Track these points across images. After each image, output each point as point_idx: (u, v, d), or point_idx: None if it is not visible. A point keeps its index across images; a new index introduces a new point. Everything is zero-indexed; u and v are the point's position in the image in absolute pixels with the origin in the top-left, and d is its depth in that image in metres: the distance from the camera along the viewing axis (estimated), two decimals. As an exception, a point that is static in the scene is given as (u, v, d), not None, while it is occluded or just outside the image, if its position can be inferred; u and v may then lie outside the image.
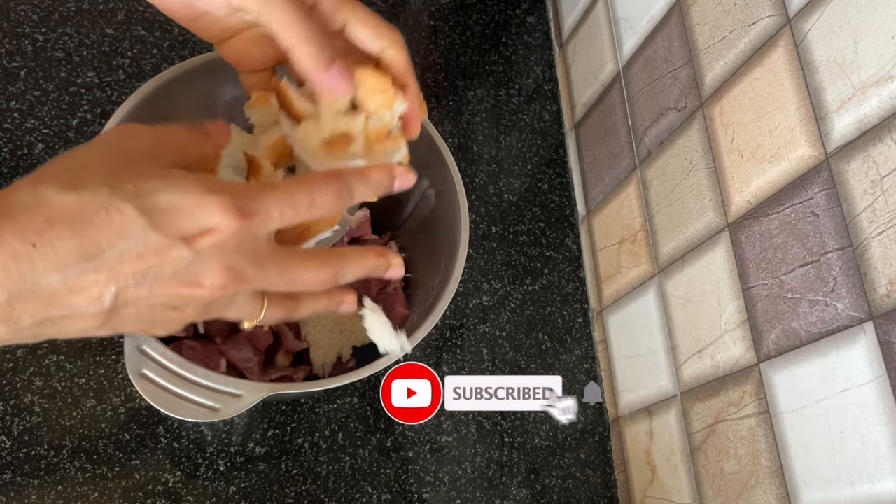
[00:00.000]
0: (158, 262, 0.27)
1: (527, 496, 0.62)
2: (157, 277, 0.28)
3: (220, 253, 0.29)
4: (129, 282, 0.27)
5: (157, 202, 0.27)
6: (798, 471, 0.45)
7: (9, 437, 0.51)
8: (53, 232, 0.25)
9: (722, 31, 0.53)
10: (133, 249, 0.27)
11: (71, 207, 0.26)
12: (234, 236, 0.29)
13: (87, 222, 0.26)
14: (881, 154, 0.39)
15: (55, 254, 0.25)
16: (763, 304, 0.48)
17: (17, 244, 0.25)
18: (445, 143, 0.52)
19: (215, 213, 0.28)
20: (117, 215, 0.26)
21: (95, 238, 0.26)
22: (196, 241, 0.28)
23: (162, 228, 0.27)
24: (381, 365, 0.45)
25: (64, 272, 0.26)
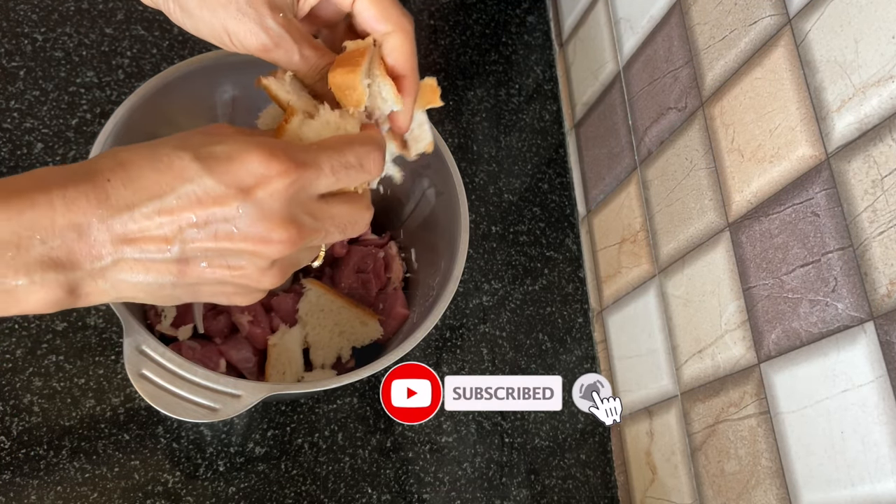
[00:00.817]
0: (217, 209, 0.28)
1: (527, 496, 0.61)
2: (218, 228, 0.29)
3: (277, 204, 0.29)
4: (192, 229, 0.28)
5: (212, 151, 0.29)
6: (798, 471, 0.45)
7: (8, 438, 0.51)
8: (124, 171, 0.28)
9: (722, 30, 0.53)
10: (192, 194, 0.28)
11: (139, 156, 0.28)
12: (289, 186, 0.29)
13: (153, 167, 0.28)
14: (882, 154, 0.39)
15: (125, 189, 0.27)
16: (763, 304, 0.48)
17: (97, 177, 0.27)
18: (445, 143, 0.52)
19: (269, 162, 0.29)
20: (177, 161, 0.28)
21: (158, 180, 0.28)
22: (252, 191, 0.29)
23: (216, 174, 0.28)
24: (381, 365, 0.45)
25: (132, 210, 0.27)
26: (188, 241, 0.28)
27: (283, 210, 0.29)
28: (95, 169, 0.28)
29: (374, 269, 0.58)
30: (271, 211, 0.29)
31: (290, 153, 0.30)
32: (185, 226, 0.28)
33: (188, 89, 0.49)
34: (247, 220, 0.29)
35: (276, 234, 0.29)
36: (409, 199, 0.59)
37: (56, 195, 0.27)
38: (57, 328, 0.54)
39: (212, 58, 0.48)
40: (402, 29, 0.37)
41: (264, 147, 0.29)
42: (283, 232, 0.30)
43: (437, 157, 0.52)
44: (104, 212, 0.27)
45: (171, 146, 0.29)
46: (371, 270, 0.58)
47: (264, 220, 0.29)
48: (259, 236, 0.29)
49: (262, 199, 0.29)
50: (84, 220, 0.27)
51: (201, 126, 0.55)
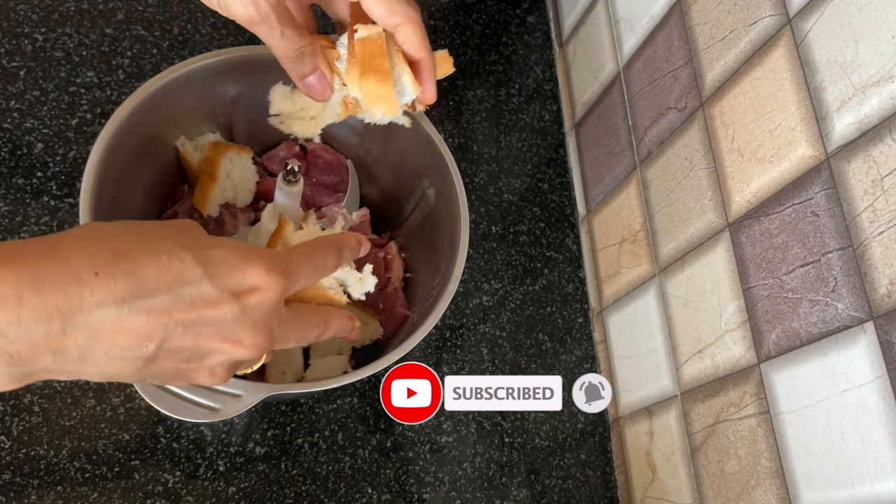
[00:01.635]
0: (210, 313, 0.29)
1: (527, 496, 0.62)
2: (203, 330, 0.29)
3: (262, 312, 0.31)
4: (178, 330, 0.28)
5: (213, 255, 0.29)
6: (798, 471, 0.45)
7: (8, 438, 0.51)
8: (117, 265, 0.26)
9: (722, 30, 0.53)
10: (187, 296, 0.28)
11: (137, 247, 0.27)
12: (276, 296, 0.31)
13: (150, 263, 0.27)
14: (882, 154, 0.39)
15: (115, 286, 0.26)
16: (763, 304, 0.48)
17: (83, 270, 0.26)
18: (445, 143, 0.52)
19: (262, 273, 0.30)
20: (177, 262, 0.28)
21: (156, 278, 0.27)
22: (245, 298, 0.30)
23: (216, 280, 0.29)
24: (381, 365, 0.45)
25: (119, 307, 0.26)
26: (168, 339, 0.28)
27: (265, 318, 0.31)
28: (80, 256, 0.26)
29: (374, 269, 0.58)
30: (254, 318, 0.30)
31: (282, 267, 0.31)
32: (171, 325, 0.28)
33: (188, 89, 0.49)
34: (232, 323, 0.30)
35: (250, 338, 0.30)
36: (409, 199, 0.59)
37: (27, 288, 0.24)
38: (57, 328, 0.54)
39: (212, 58, 0.48)
40: (410, 20, 0.39)
41: (261, 259, 0.30)
42: (258, 338, 0.31)
43: (437, 157, 0.52)
44: (84, 307, 0.25)
45: (171, 241, 0.28)
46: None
47: (246, 326, 0.30)
48: (236, 338, 0.30)
49: (252, 305, 0.30)
50: (57, 317, 0.25)
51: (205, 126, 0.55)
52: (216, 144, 0.54)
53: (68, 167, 0.59)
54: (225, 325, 0.29)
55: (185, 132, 0.53)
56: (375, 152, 0.60)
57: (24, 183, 0.57)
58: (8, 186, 0.57)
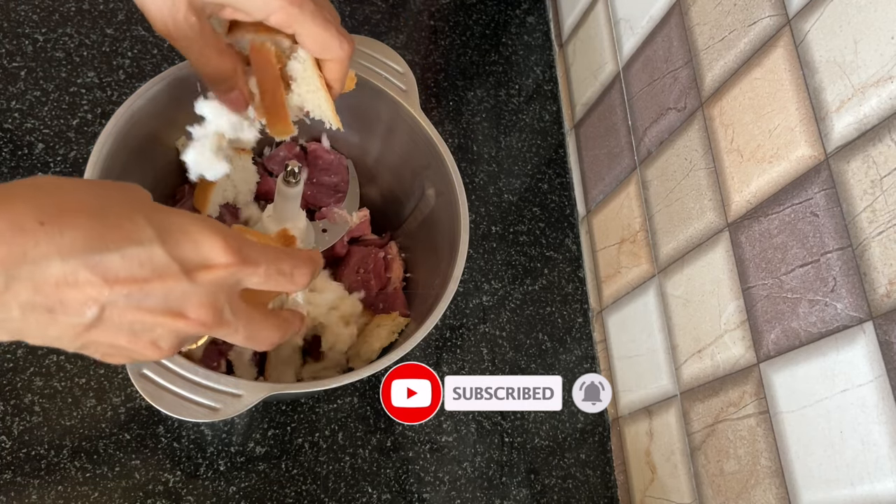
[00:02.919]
0: (156, 284, 0.27)
1: (527, 496, 0.62)
2: (146, 301, 0.27)
3: (212, 290, 0.29)
4: (121, 297, 0.27)
5: (169, 222, 0.28)
6: (798, 471, 0.45)
7: (9, 437, 0.51)
8: (64, 217, 0.25)
9: (722, 31, 0.53)
10: (135, 259, 0.26)
11: (87, 203, 0.26)
12: (229, 277, 0.29)
13: (100, 219, 0.26)
14: (881, 154, 0.39)
15: (61, 238, 0.25)
16: (763, 304, 0.48)
17: (27, 220, 0.24)
18: (445, 143, 0.52)
19: (219, 251, 0.29)
20: (128, 222, 0.27)
21: (104, 235, 0.26)
22: (196, 273, 0.28)
23: (168, 246, 0.27)
24: (381, 365, 0.45)
25: (64, 261, 0.25)
26: (110, 307, 0.26)
27: (214, 296, 0.29)
28: (26, 206, 0.25)
29: (374, 269, 0.58)
30: (202, 294, 0.29)
31: (240, 247, 0.29)
32: (115, 292, 0.26)
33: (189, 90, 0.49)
34: (177, 298, 0.28)
35: (194, 313, 0.29)
36: (409, 199, 0.59)
37: None
38: (58, 328, 0.54)
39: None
40: (337, 59, 0.39)
41: (219, 233, 0.29)
42: (202, 313, 0.29)
43: (437, 157, 0.52)
44: (28, 259, 0.24)
45: (124, 203, 0.27)
46: (371, 270, 0.58)
47: (191, 300, 0.28)
48: (179, 312, 0.28)
49: (203, 281, 0.28)
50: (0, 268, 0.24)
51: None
52: None
53: (69, 167, 0.59)
54: (171, 298, 0.28)
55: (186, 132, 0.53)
56: (375, 152, 0.60)
57: (25, 183, 0.57)
58: (8, 186, 0.57)
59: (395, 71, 0.54)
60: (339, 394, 0.60)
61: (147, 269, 0.27)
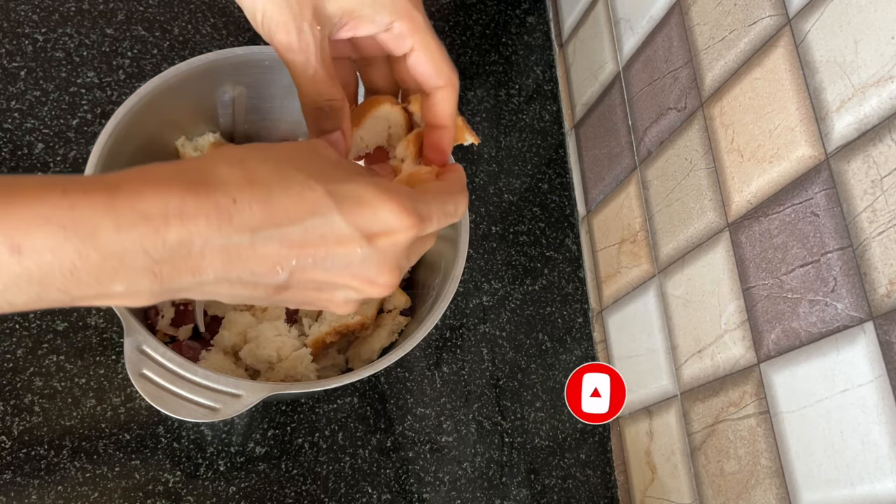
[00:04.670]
0: (340, 250, 0.29)
1: (527, 496, 0.62)
2: (333, 265, 0.29)
3: (393, 253, 0.30)
4: (308, 261, 0.28)
5: (345, 190, 0.29)
6: (798, 471, 0.45)
7: (9, 437, 0.51)
8: (253, 192, 0.27)
9: (722, 31, 0.53)
10: (318, 229, 0.28)
11: (270, 176, 0.28)
12: (408, 239, 0.30)
13: (284, 192, 0.28)
14: (881, 154, 0.39)
15: (251, 213, 0.27)
16: (763, 304, 0.48)
17: (221, 197, 0.26)
18: (445, 143, 0.52)
19: (397, 215, 0.30)
20: (309, 192, 0.28)
21: (287, 207, 0.28)
22: (377, 239, 0.29)
23: (347, 215, 0.29)
24: (381, 365, 0.45)
25: (254, 234, 0.27)
26: (299, 271, 0.29)
27: (395, 258, 0.31)
28: (218, 182, 0.27)
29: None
30: (385, 258, 0.30)
31: (416, 208, 0.31)
32: (302, 258, 0.28)
33: (189, 90, 0.49)
34: (361, 262, 0.30)
35: (383, 278, 0.31)
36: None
37: (172, 210, 0.25)
38: (58, 328, 0.54)
39: (212, 58, 0.48)
40: (451, 84, 0.38)
41: (396, 198, 0.30)
42: (389, 277, 0.31)
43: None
44: (223, 233, 0.26)
45: (304, 173, 0.29)
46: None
47: (377, 265, 0.30)
48: (367, 278, 0.30)
49: (384, 246, 0.30)
50: (199, 240, 0.26)
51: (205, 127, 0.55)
52: (216, 146, 0.54)
53: (69, 167, 0.59)
54: (354, 263, 0.29)
55: (185, 132, 0.53)
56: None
57: (25, 183, 0.57)
58: (8, 186, 0.57)
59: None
60: (339, 394, 0.60)
61: (330, 238, 0.28)
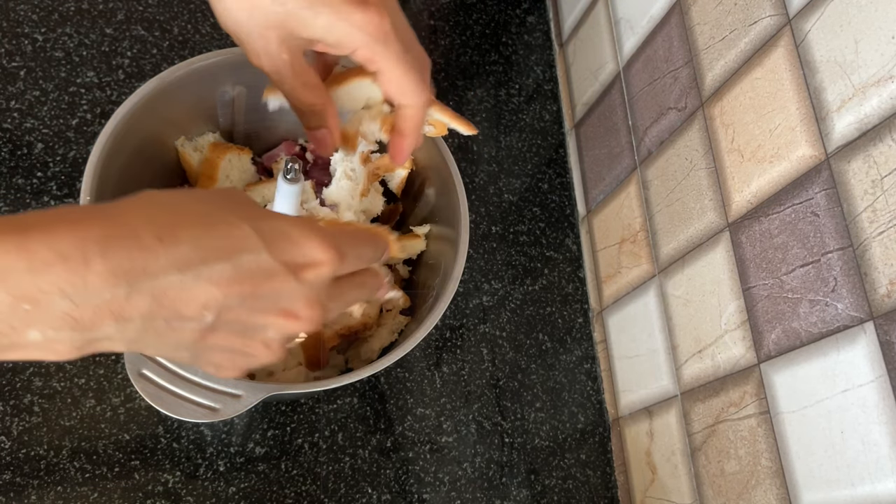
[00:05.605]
0: (267, 286, 0.29)
1: (527, 496, 0.62)
2: (259, 302, 0.29)
3: (318, 287, 0.31)
4: (235, 300, 0.28)
5: (271, 227, 0.29)
6: (798, 471, 0.45)
7: (8, 438, 0.51)
8: (180, 231, 0.27)
9: (722, 30, 0.53)
10: (247, 266, 0.28)
11: (197, 214, 0.28)
12: (330, 272, 0.31)
13: (211, 230, 0.28)
14: (881, 154, 0.39)
15: (178, 252, 0.26)
16: (763, 304, 0.48)
17: (147, 237, 0.26)
18: (445, 143, 0.52)
19: (321, 249, 0.30)
20: (237, 230, 0.28)
21: (216, 246, 0.27)
22: (303, 272, 0.30)
23: (274, 252, 0.29)
24: (381, 365, 0.45)
25: (182, 273, 0.26)
26: (226, 310, 0.28)
27: (319, 292, 0.31)
28: (142, 221, 0.26)
29: (374, 269, 0.58)
30: (311, 291, 0.31)
31: (336, 243, 0.31)
32: (231, 296, 0.28)
33: (188, 90, 0.49)
34: (288, 297, 0.30)
35: (306, 311, 0.31)
36: (409, 199, 0.59)
37: (93, 251, 0.24)
38: (57, 328, 0.54)
39: (212, 58, 0.48)
40: (415, 106, 0.39)
41: (319, 233, 0.30)
42: (313, 311, 0.31)
43: (437, 157, 0.52)
44: (150, 273, 0.25)
45: (229, 212, 0.29)
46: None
47: (303, 299, 0.30)
48: (292, 312, 0.30)
49: (309, 280, 0.30)
50: (123, 281, 0.25)
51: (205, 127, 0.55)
52: (215, 146, 0.54)
53: (68, 167, 0.59)
54: (282, 298, 0.30)
55: (185, 132, 0.53)
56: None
57: (25, 183, 0.57)
58: (8, 186, 0.57)
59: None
60: (339, 394, 0.60)
61: (258, 274, 0.28)
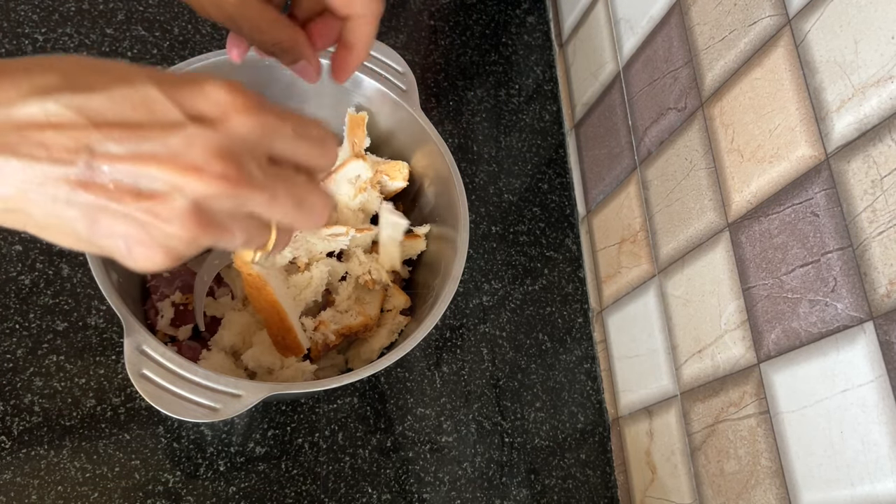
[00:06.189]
0: (155, 129, 0.23)
1: (527, 496, 0.62)
2: (145, 146, 0.23)
3: (229, 140, 0.25)
4: (112, 143, 0.23)
5: (171, 75, 0.25)
6: (798, 471, 0.45)
7: (9, 437, 0.51)
8: (48, 62, 0.23)
9: (722, 31, 0.53)
10: (126, 100, 0.23)
11: (76, 58, 0.24)
12: (250, 130, 0.25)
13: (86, 65, 0.24)
14: (881, 154, 0.39)
15: (42, 79, 0.23)
16: (763, 304, 0.48)
17: (10, 66, 0.23)
18: (445, 143, 0.52)
19: (234, 95, 0.25)
20: (120, 69, 0.24)
21: (91, 79, 0.23)
22: (203, 118, 0.24)
23: (166, 89, 0.24)
24: (381, 365, 0.45)
25: (44, 98, 0.22)
26: (101, 156, 0.23)
27: (230, 146, 0.25)
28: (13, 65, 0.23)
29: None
30: (216, 142, 0.24)
31: (261, 99, 0.26)
32: (104, 129, 0.23)
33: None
34: (182, 143, 0.24)
35: (212, 166, 0.24)
36: (409, 199, 0.59)
37: None
38: (58, 328, 0.54)
39: (212, 58, 0.48)
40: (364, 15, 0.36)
41: (230, 81, 0.25)
42: (221, 165, 0.24)
43: (437, 157, 0.52)
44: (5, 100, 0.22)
45: (126, 65, 0.25)
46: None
47: (204, 148, 0.24)
48: (191, 164, 0.24)
49: (213, 128, 0.24)
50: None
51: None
52: None
53: (69, 167, 0.59)
54: (174, 144, 0.24)
55: None
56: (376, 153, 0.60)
57: (25, 183, 0.57)
58: (8, 186, 0.57)
59: (395, 71, 0.54)
60: (339, 394, 0.60)
61: (142, 112, 0.24)
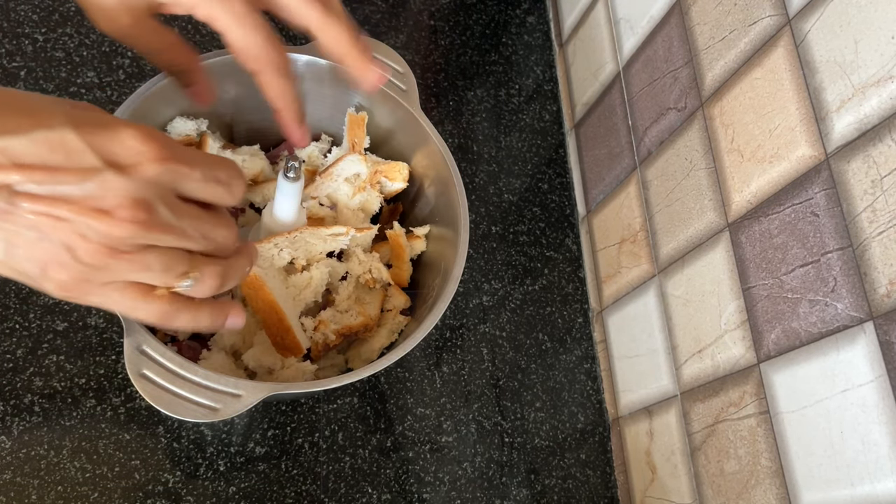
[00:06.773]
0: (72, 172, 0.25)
1: (527, 496, 0.62)
2: (60, 189, 0.25)
3: (140, 185, 0.26)
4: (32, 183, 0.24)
5: (88, 115, 0.26)
6: (798, 471, 0.45)
7: (9, 437, 0.51)
8: None
9: (722, 31, 0.53)
10: (45, 143, 0.24)
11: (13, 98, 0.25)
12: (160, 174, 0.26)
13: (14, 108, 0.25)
14: (881, 154, 0.39)
15: None
16: (763, 304, 0.48)
17: None
18: (445, 143, 0.52)
19: (144, 142, 0.26)
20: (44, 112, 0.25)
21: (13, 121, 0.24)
22: (120, 167, 0.25)
23: (83, 133, 0.25)
24: (381, 365, 0.45)
25: None
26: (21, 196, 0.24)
27: (142, 192, 0.26)
28: None
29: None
30: (130, 188, 0.26)
31: (169, 143, 0.27)
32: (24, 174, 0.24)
33: (188, 89, 0.49)
34: (97, 188, 0.25)
35: (124, 211, 0.26)
36: (408, 199, 0.59)
37: None
38: (58, 328, 0.54)
39: (212, 58, 0.48)
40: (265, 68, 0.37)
41: (144, 129, 0.26)
42: (132, 211, 0.26)
43: (437, 157, 0.52)
44: None
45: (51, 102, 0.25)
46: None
47: (117, 194, 0.25)
48: (104, 209, 0.25)
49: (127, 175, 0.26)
50: None
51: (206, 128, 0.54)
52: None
53: (69, 167, 0.59)
54: (89, 188, 0.25)
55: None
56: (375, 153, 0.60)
57: (25, 183, 0.57)
58: (8, 186, 0.57)
59: (394, 71, 0.54)
60: (339, 394, 0.60)
61: (60, 155, 0.25)
